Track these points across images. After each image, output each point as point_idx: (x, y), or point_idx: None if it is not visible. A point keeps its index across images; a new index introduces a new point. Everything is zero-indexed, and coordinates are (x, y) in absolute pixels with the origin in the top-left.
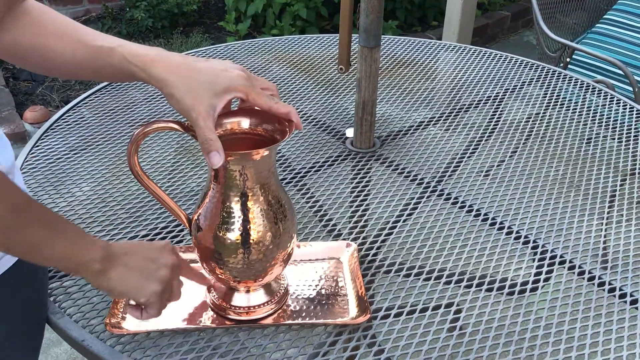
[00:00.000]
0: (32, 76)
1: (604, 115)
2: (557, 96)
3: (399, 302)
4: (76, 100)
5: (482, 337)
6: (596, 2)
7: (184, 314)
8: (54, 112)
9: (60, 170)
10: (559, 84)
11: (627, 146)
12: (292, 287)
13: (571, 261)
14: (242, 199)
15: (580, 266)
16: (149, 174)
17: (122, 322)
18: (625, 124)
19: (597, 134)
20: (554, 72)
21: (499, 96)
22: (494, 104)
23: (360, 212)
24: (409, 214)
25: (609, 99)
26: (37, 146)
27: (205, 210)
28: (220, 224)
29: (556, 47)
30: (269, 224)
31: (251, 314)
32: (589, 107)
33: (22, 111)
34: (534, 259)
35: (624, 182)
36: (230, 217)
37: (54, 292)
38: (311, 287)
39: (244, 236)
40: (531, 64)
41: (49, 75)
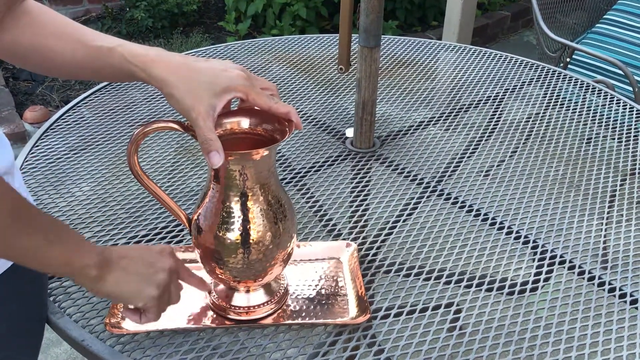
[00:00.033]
0: (32, 76)
1: (604, 115)
2: (557, 96)
3: (398, 302)
4: (76, 100)
5: (482, 337)
6: (596, 2)
7: (184, 314)
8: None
9: (60, 170)
10: (558, 84)
11: (627, 146)
12: (292, 287)
13: (571, 261)
14: (242, 198)
15: (580, 266)
16: (149, 174)
17: (122, 322)
18: (625, 124)
19: (597, 134)
20: (554, 72)
21: (499, 96)
22: (494, 104)
23: (360, 212)
24: (409, 214)
25: (609, 99)
26: (37, 146)
27: (205, 210)
28: (220, 224)
29: (556, 47)
30: (269, 223)
31: (251, 314)
32: (589, 107)
33: (22, 111)
34: (534, 259)
35: (624, 182)
36: (230, 217)
37: (53, 292)
38: (311, 287)
39: (244, 236)
40: (531, 64)
41: (49, 75)
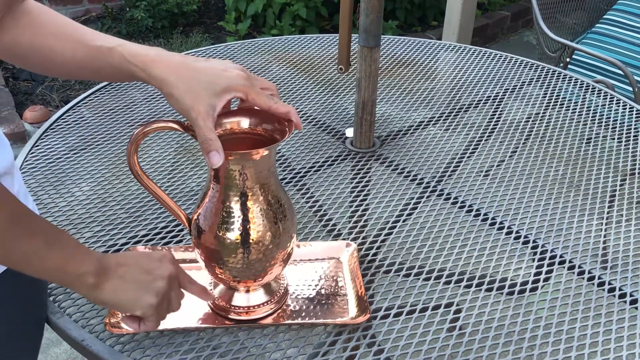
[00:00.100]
0: (31, 76)
1: (604, 115)
2: (557, 96)
3: (398, 302)
4: (76, 100)
5: (482, 337)
6: (596, 2)
7: (184, 314)
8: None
9: (60, 170)
10: (558, 84)
11: (627, 146)
12: (292, 287)
13: (571, 261)
14: (242, 198)
15: (580, 266)
16: (149, 174)
17: (122, 322)
18: (625, 124)
19: (597, 134)
20: (554, 72)
21: (499, 96)
22: (494, 104)
23: (360, 212)
24: (409, 214)
25: (608, 99)
26: (36, 146)
27: (205, 210)
28: (220, 224)
29: (556, 47)
30: (269, 223)
31: (251, 313)
32: (589, 107)
33: (22, 111)
34: (534, 259)
35: (624, 182)
36: (230, 217)
37: (53, 291)
38: (311, 287)
39: (244, 236)
40: (531, 64)
41: (49, 75)
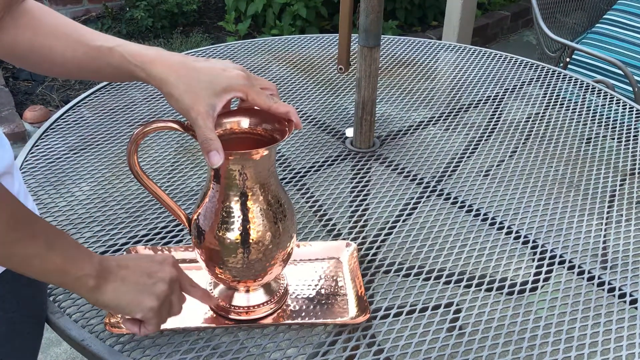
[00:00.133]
0: (31, 76)
1: (604, 115)
2: (557, 96)
3: (398, 302)
4: (76, 100)
5: (482, 336)
6: (596, 2)
7: (184, 313)
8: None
9: (60, 170)
10: (558, 84)
11: (627, 146)
12: (292, 287)
13: (571, 261)
14: (242, 198)
15: (579, 266)
16: (149, 174)
17: (122, 322)
18: (625, 124)
19: (597, 134)
20: (554, 72)
21: (499, 96)
22: (494, 104)
23: (360, 212)
24: (409, 214)
25: (608, 98)
26: (36, 146)
27: (204, 210)
28: (219, 224)
29: (556, 47)
30: (269, 223)
31: (251, 313)
32: (589, 107)
33: (22, 111)
34: (534, 259)
35: (623, 182)
36: (229, 217)
37: (53, 291)
38: (311, 287)
39: (244, 236)
40: (531, 64)
41: (49, 75)
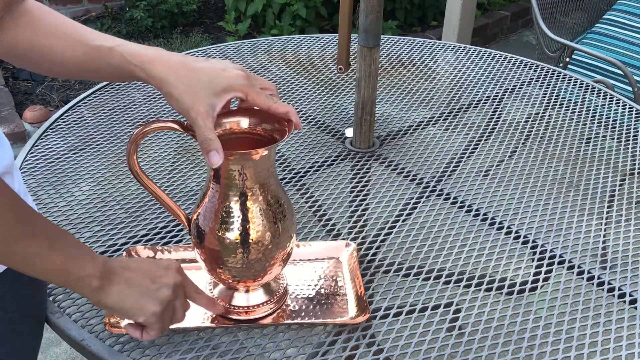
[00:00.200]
0: (31, 76)
1: (604, 115)
2: (557, 96)
3: (398, 302)
4: (76, 100)
5: (481, 336)
6: (596, 2)
7: None
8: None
9: (59, 170)
10: (558, 84)
11: (626, 146)
12: (292, 287)
13: (570, 261)
14: (242, 198)
15: (579, 266)
16: (149, 174)
17: (121, 322)
18: (624, 124)
19: (597, 134)
20: (554, 72)
21: (499, 96)
22: (494, 104)
23: (359, 212)
24: (409, 214)
25: (608, 99)
26: (36, 146)
27: (204, 210)
28: (219, 224)
29: (556, 47)
30: (268, 223)
31: (250, 313)
32: (589, 107)
33: (22, 111)
34: (533, 259)
35: (623, 182)
36: (229, 217)
37: (53, 291)
38: (310, 287)
39: (243, 236)
40: (531, 64)
41: (49, 75)
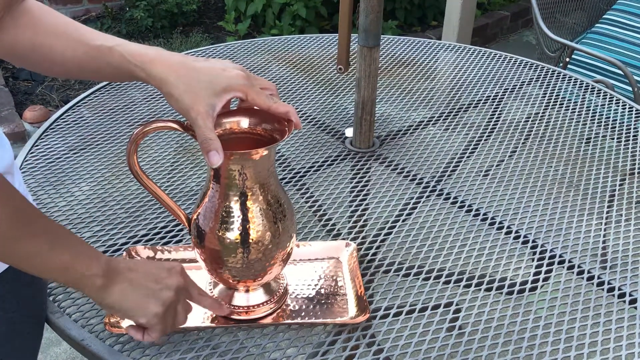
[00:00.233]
0: (31, 76)
1: (604, 115)
2: (557, 96)
3: (398, 302)
4: (75, 99)
5: (481, 336)
6: (596, 2)
7: None
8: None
9: (59, 170)
10: (558, 84)
11: (626, 146)
12: (292, 287)
13: (570, 261)
14: (242, 198)
15: (579, 266)
16: (149, 174)
17: (122, 322)
18: (624, 123)
19: (597, 134)
20: (554, 72)
21: (499, 96)
22: (494, 104)
23: (359, 212)
24: (409, 214)
25: (608, 98)
26: (36, 146)
27: (204, 209)
28: (219, 224)
29: (556, 47)
30: (268, 223)
31: (250, 313)
32: (589, 107)
33: (22, 111)
34: (533, 259)
35: (623, 182)
36: (229, 217)
37: (53, 291)
38: (310, 287)
39: (243, 236)
40: (530, 63)
41: (49, 74)
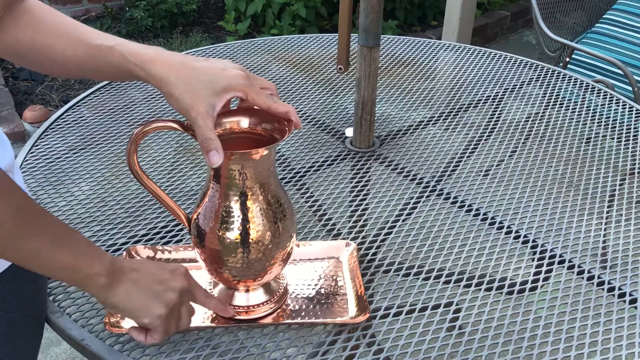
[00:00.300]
0: (31, 76)
1: (604, 115)
2: (557, 96)
3: (398, 302)
4: (75, 99)
5: (482, 336)
6: (596, 1)
7: None
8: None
9: (59, 169)
10: (558, 84)
11: (626, 146)
12: (292, 287)
13: (570, 260)
14: (242, 198)
15: (579, 265)
16: (149, 174)
17: (122, 322)
18: (624, 123)
19: (597, 134)
20: (554, 71)
21: (499, 96)
22: (494, 104)
23: (359, 212)
24: (409, 214)
25: (608, 98)
26: (36, 146)
27: (204, 209)
28: (219, 224)
29: (556, 46)
30: (269, 223)
31: (250, 313)
32: (589, 107)
33: (22, 111)
34: (534, 259)
35: (623, 181)
36: (229, 217)
37: (53, 291)
38: (310, 287)
39: (244, 235)
40: (530, 63)
41: (49, 74)
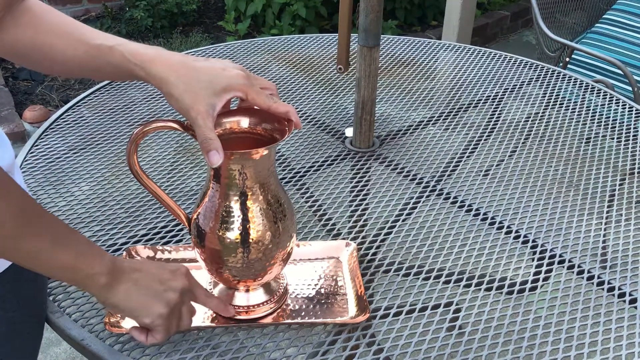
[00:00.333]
0: (31, 75)
1: (603, 115)
2: (557, 96)
3: (398, 301)
4: (75, 99)
5: (482, 336)
6: (596, 2)
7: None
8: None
9: (59, 169)
10: (558, 84)
11: (626, 146)
12: (292, 287)
13: (570, 260)
14: (242, 198)
15: (579, 265)
16: (149, 174)
17: (122, 321)
18: (624, 123)
19: (597, 134)
20: (553, 71)
21: (499, 96)
22: (494, 104)
23: (359, 212)
24: (409, 214)
25: (608, 98)
26: (36, 146)
27: (204, 209)
28: (219, 224)
29: (555, 46)
30: (269, 223)
31: (250, 313)
32: (589, 107)
33: (22, 110)
34: (533, 258)
35: (623, 181)
36: (229, 217)
37: (53, 291)
38: (310, 287)
39: (244, 235)
40: (530, 63)
41: (49, 73)
